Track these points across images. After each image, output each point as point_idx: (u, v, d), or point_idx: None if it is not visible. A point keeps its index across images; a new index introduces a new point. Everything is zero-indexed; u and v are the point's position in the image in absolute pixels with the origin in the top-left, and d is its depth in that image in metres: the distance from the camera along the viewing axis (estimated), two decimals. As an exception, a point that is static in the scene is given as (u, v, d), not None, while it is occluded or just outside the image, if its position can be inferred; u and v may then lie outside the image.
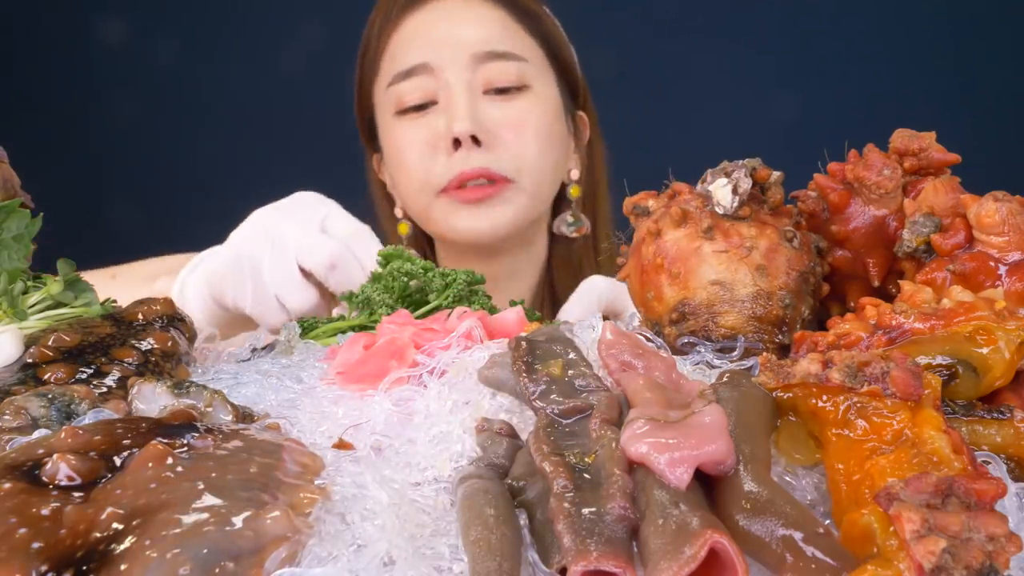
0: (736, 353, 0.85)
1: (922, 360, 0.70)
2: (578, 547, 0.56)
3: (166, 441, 0.65)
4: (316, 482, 0.65)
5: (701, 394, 0.68)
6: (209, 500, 0.59)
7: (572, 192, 1.70)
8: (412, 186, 1.60)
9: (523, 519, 0.62)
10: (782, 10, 2.57)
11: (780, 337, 0.89)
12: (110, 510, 0.58)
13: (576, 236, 1.69)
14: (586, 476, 0.62)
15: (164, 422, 0.69)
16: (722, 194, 0.91)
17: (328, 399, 0.84)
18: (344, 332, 1.03)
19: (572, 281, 1.64)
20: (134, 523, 0.58)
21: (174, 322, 0.92)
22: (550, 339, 0.80)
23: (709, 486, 0.62)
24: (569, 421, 0.70)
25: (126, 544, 0.56)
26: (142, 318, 0.92)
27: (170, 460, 0.62)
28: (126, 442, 0.65)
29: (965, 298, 0.75)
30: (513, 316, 0.91)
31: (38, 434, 0.70)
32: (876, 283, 0.94)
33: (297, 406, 0.82)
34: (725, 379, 0.71)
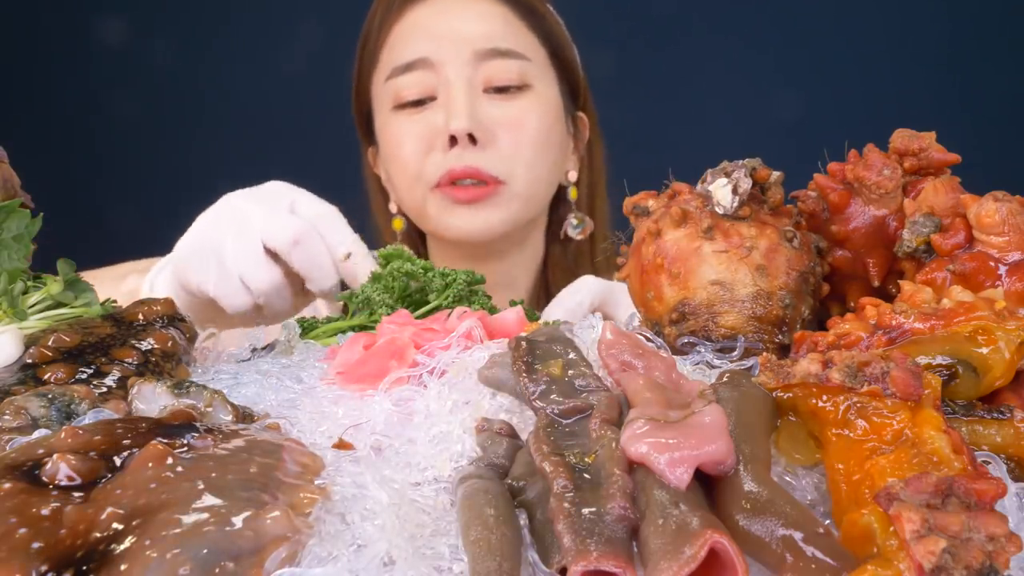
0: (736, 353, 0.85)
1: (922, 360, 0.70)
2: (578, 547, 0.56)
3: (166, 441, 0.65)
4: (316, 482, 0.65)
5: (701, 394, 0.68)
6: (209, 500, 0.59)
7: (572, 194, 1.69)
8: (406, 181, 1.60)
9: (523, 519, 0.62)
10: (782, 10, 2.57)
11: (780, 337, 0.89)
12: (110, 510, 0.58)
13: (582, 238, 1.67)
14: (586, 476, 0.62)
15: (164, 422, 0.69)
16: (722, 194, 0.91)
17: (328, 399, 0.84)
18: (344, 332, 1.03)
19: (568, 283, 1.64)
20: (134, 523, 0.58)
21: (174, 322, 0.92)
22: (550, 339, 0.80)
23: (709, 486, 0.62)
24: (569, 421, 0.70)
25: (126, 544, 0.56)
26: (142, 318, 0.92)
27: (170, 460, 0.62)
28: (126, 442, 0.65)
29: (965, 298, 0.75)
30: (513, 316, 0.91)
31: (38, 434, 0.70)
32: (876, 283, 0.94)
33: (297, 406, 0.82)
34: (725, 379, 0.71)
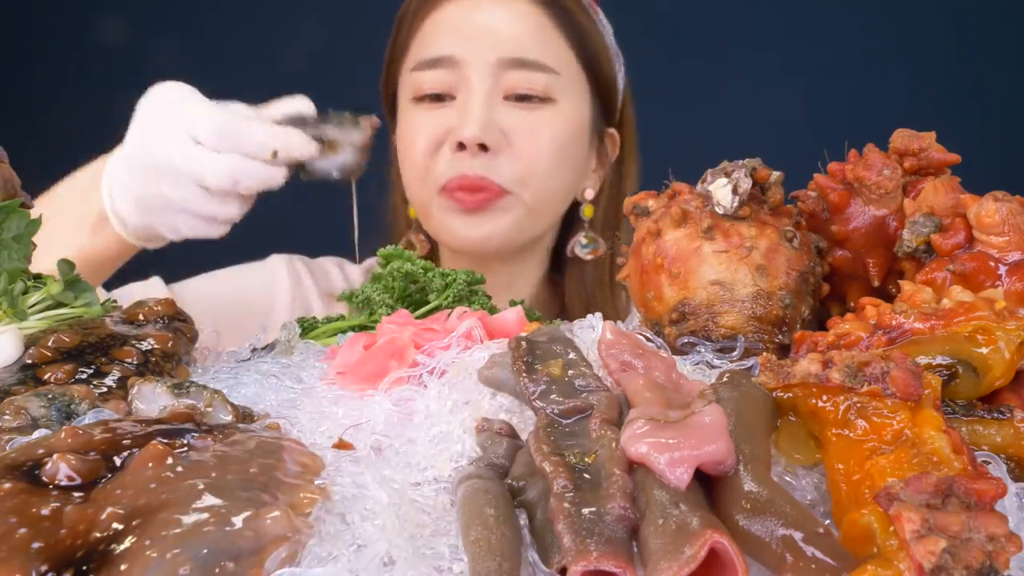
0: (736, 353, 0.85)
1: (922, 360, 0.70)
2: (578, 547, 0.56)
3: (166, 441, 0.65)
4: (316, 482, 0.65)
5: (701, 394, 0.68)
6: (209, 500, 0.59)
7: (585, 212, 1.63)
8: (415, 179, 1.57)
9: (523, 519, 0.62)
10: (782, 10, 2.57)
11: (780, 337, 0.89)
12: (110, 510, 0.58)
13: (591, 258, 1.62)
14: (586, 476, 0.62)
15: (164, 422, 0.69)
16: (722, 194, 0.91)
17: (328, 399, 0.84)
18: (344, 332, 1.03)
19: (583, 303, 1.60)
20: (134, 523, 0.58)
21: (175, 322, 0.92)
22: (550, 339, 0.80)
23: (709, 486, 0.62)
24: (569, 421, 0.70)
25: (126, 544, 0.56)
26: (143, 318, 0.92)
27: (170, 460, 0.62)
28: (126, 442, 0.65)
29: (965, 298, 0.75)
30: (513, 316, 0.91)
31: (38, 434, 0.70)
32: (876, 283, 0.94)
33: (297, 406, 0.82)
34: (725, 379, 0.71)
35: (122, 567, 0.55)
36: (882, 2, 2.54)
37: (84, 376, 0.82)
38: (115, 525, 0.58)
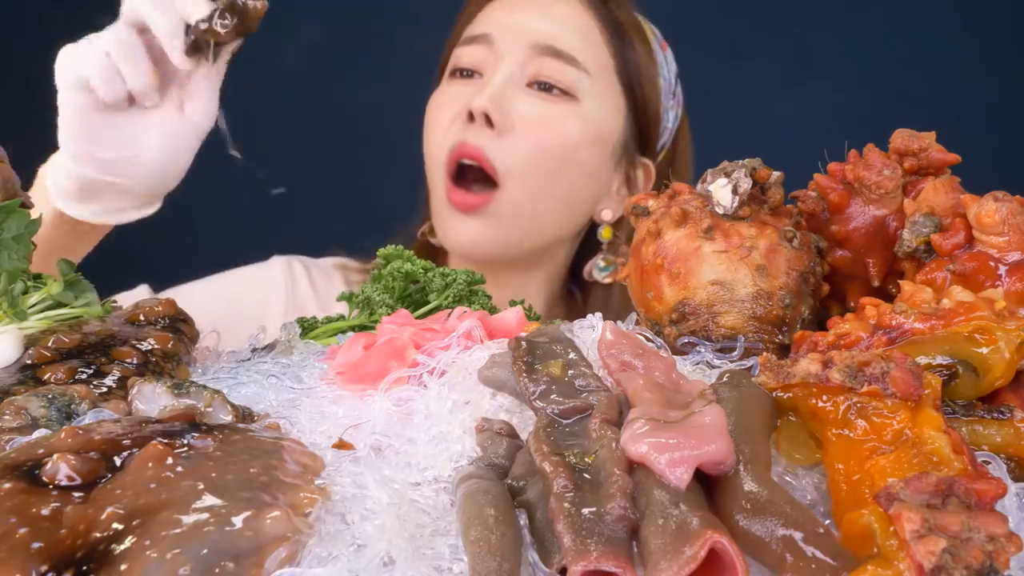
0: (736, 353, 0.85)
1: (922, 360, 0.70)
2: (578, 547, 0.56)
3: (166, 441, 0.65)
4: (316, 482, 0.65)
5: (701, 394, 0.68)
6: (209, 500, 0.59)
7: (603, 234, 1.59)
8: (429, 155, 1.56)
9: (523, 519, 0.62)
10: (782, 10, 2.57)
11: (780, 337, 0.89)
12: (110, 510, 0.58)
13: (608, 281, 1.58)
14: (586, 476, 0.62)
15: (164, 422, 0.69)
16: (722, 194, 0.91)
17: (328, 399, 0.84)
18: (344, 332, 1.03)
19: None
20: (134, 523, 0.58)
21: (176, 323, 0.93)
22: (550, 339, 0.80)
23: (709, 486, 0.62)
24: (569, 421, 0.70)
25: (126, 544, 0.56)
26: (143, 319, 0.92)
27: (170, 460, 0.62)
28: (126, 442, 0.65)
29: (965, 298, 0.75)
30: (513, 316, 0.91)
31: (38, 434, 0.70)
32: (876, 283, 0.94)
33: (297, 406, 0.82)
34: (725, 379, 0.71)
35: (122, 567, 0.55)
36: (882, 2, 2.54)
37: (84, 376, 0.82)
38: (115, 525, 0.58)
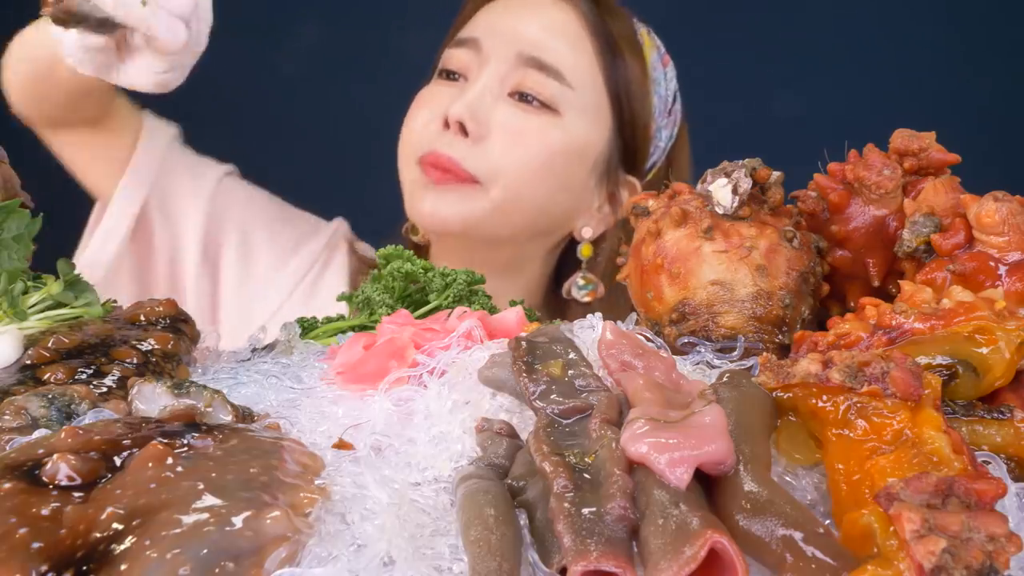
0: (736, 353, 0.85)
1: (922, 360, 0.70)
2: (578, 547, 0.56)
3: (166, 441, 0.65)
4: (316, 482, 0.65)
5: (701, 394, 0.68)
6: (209, 500, 0.59)
7: (583, 251, 1.56)
8: (403, 145, 1.54)
9: (523, 519, 0.62)
10: (782, 10, 2.57)
11: (780, 337, 0.89)
12: (110, 510, 0.58)
13: (588, 300, 1.54)
14: (586, 476, 0.62)
15: (164, 422, 0.69)
16: (722, 194, 0.91)
17: (328, 399, 0.84)
18: (344, 332, 1.03)
19: None
20: (134, 523, 0.58)
21: (176, 323, 0.92)
22: (550, 339, 0.80)
23: (709, 486, 0.62)
24: (569, 421, 0.70)
25: (126, 544, 0.56)
26: (144, 319, 0.92)
27: (170, 460, 0.62)
28: (126, 442, 0.65)
29: (965, 298, 0.75)
30: (513, 316, 0.91)
31: (38, 434, 0.70)
32: (876, 283, 0.94)
33: (297, 406, 0.82)
34: (725, 379, 0.71)
35: (122, 567, 0.55)
36: (882, 2, 2.54)
37: (84, 376, 0.82)
38: (115, 525, 0.58)
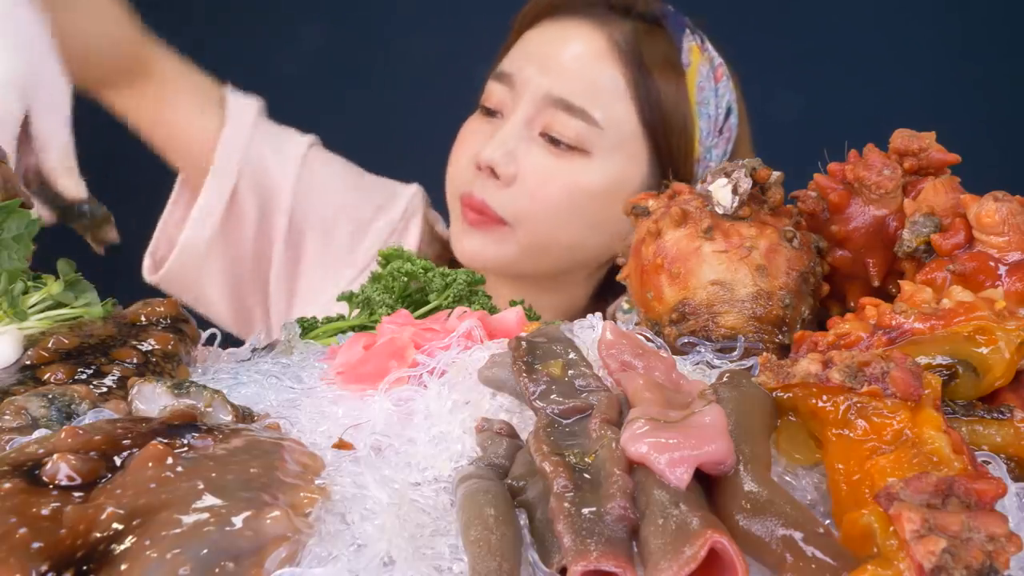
0: (736, 353, 0.85)
1: (922, 360, 0.70)
2: (578, 547, 0.56)
3: (166, 441, 0.65)
4: (316, 482, 0.65)
5: (701, 394, 0.68)
6: (209, 500, 0.59)
7: (622, 276, 1.60)
8: (449, 184, 1.59)
9: (523, 519, 0.62)
10: (782, 9, 2.57)
11: (780, 337, 0.89)
12: (110, 510, 0.58)
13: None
14: (586, 476, 0.62)
15: (164, 422, 0.69)
16: (722, 194, 0.91)
17: (328, 399, 0.84)
18: (344, 332, 1.03)
19: None
20: (134, 523, 0.58)
21: (177, 323, 0.92)
22: (550, 339, 0.80)
23: (709, 486, 0.62)
24: (569, 421, 0.70)
25: (126, 544, 0.56)
26: (144, 319, 0.92)
27: (170, 460, 0.62)
28: (126, 442, 0.65)
29: (965, 298, 0.75)
30: (513, 316, 0.91)
31: (38, 434, 0.70)
32: (876, 283, 0.94)
33: (297, 406, 0.82)
34: (725, 379, 0.71)
35: (122, 567, 0.55)
36: (882, 2, 2.54)
37: (84, 376, 0.82)
38: (115, 525, 0.58)
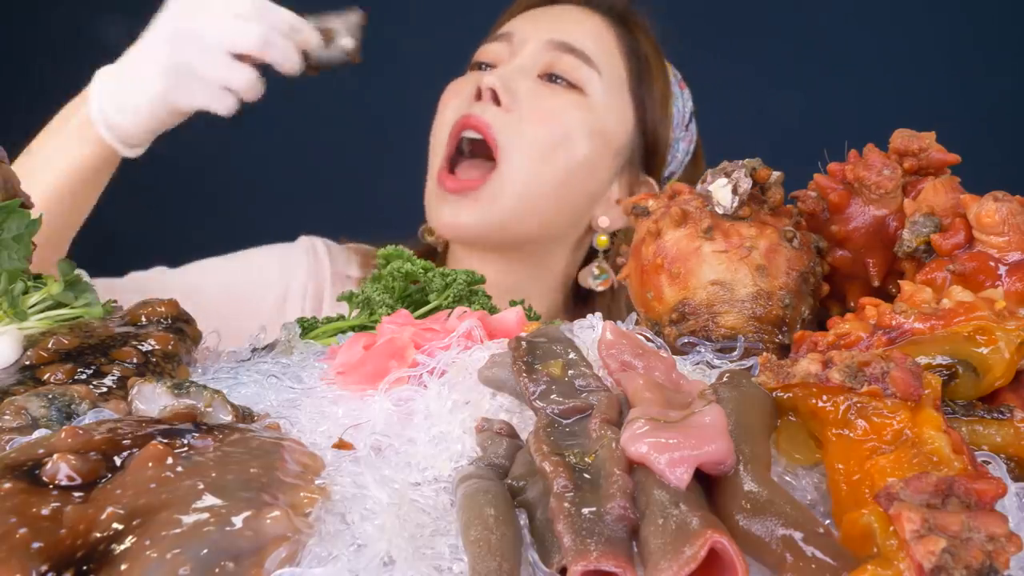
0: (736, 353, 0.85)
1: (922, 360, 0.70)
2: (578, 547, 0.56)
3: (166, 441, 0.65)
4: (316, 482, 0.65)
5: (701, 394, 0.68)
6: (209, 500, 0.59)
7: (598, 241, 1.60)
8: (434, 134, 1.59)
9: (523, 519, 0.62)
10: (782, 10, 2.57)
11: (780, 337, 0.89)
12: (110, 510, 0.58)
13: (601, 288, 1.59)
14: (586, 476, 0.62)
15: (164, 422, 0.69)
16: (722, 194, 0.91)
17: (328, 399, 0.84)
18: (344, 332, 1.03)
19: None
20: (134, 523, 0.58)
21: (178, 323, 0.92)
22: (550, 339, 0.80)
23: (709, 486, 0.62)
24: (569, 421, 0.70)
25: (126, 544, 0.56)
26: (145, 320, 0.92)
27: (170, 460, 0.62)
28: (126, 442, 0.65)
29: (965, 298, 0.75)
30: (513, 316, 0.91)
31: (38, 434, 0.70)
32: (876, 283, 0.94)
33: (297, 406, 0.82)
34: (725, 379, 0.71)
35: (122, 567, 0.55)
36: (882, 2, 2.54)
37: (84, 376, 0.82)
38: (115, 525, 0.58)
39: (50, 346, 0.85)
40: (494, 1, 1.69)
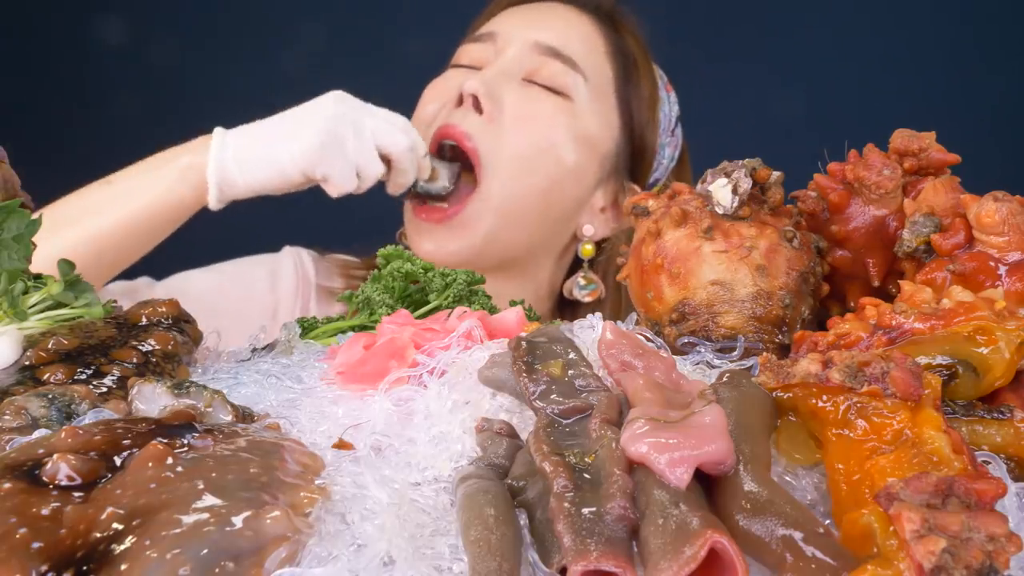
0: (736, 353, 0.85)
1: (922, 360, 0.70)
2: (578, 547, 0.56)
3: (166, 441, 0.65)
4: (316, 482, 0.65)
5: (701, 394, 0.68)
6: (209, 500, 0.59)
7: (583, 251, 1.57)
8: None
9: (523, 519, 0.62)
10: (782, 10, 2.57)
11: (780, 337, 0.89)
12: (110, 510, 0.58)
13: (589, 300, 1.56)
14: (586, 476, 0.62)
15: (164, 422, 0.69)
16: (722, 194, 0.91)
17: (328, 399, 0.84)
18: (344, 332, 1.03)
19: None
20: (134, 523, 0.58)
21: (179, 323, 0.92)
22: (550, 339, 0.80)
23: (709, 486, 0.62)
24: (569, 421, 0.70)
25: (126, 544, 0.56)
26: (145, 320, 0.92)
27: (170, 460, 0.62)
28: (126, 442, 0.65)
29: (965, 298, 0.75)
30: (513, 316, 0.91)
31: (38, 434, 0.70)
32: (876, 283, 0.94)
33: (297, 406, 0.82)
34: (725, 379, 0.71)
35: (122, 567, 0.55)
36: (882, 2, 2.54)
37: (84, 376, 0.82)
38: (115, 525, 0.58)
39: (50, 346, 0.85)
40: (489, 3, 1.69)
